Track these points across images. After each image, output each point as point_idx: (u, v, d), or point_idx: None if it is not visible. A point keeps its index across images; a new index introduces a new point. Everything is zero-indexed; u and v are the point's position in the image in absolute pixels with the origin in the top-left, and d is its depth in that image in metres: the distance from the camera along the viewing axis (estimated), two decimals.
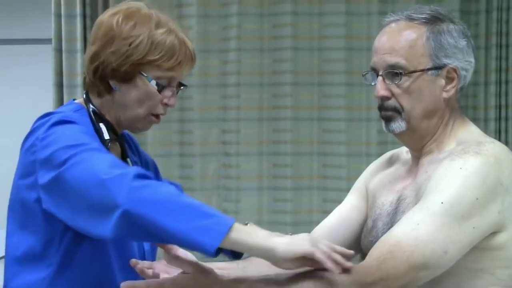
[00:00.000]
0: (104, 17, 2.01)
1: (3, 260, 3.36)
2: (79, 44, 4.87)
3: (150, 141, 4.85)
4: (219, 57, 4.90)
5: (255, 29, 4.87)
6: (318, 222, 4.45)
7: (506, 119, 4.71)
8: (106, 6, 4.78)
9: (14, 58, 7.34)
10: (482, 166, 1.77)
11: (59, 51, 4.89)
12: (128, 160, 2.14)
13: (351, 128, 4.82)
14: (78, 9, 4.83)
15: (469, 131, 1.96)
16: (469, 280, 1.78)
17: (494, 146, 1.86)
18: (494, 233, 1.77)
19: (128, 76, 1.95)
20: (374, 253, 1.74)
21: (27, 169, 1.93)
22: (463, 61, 1.92)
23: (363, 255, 1.99)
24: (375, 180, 2.15)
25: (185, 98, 4.87)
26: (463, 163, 1.77)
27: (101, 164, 1.76)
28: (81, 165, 1.77)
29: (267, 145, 4.92)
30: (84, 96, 2.07)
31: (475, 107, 4.76)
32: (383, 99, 1.93)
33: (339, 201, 4.69)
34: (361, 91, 4.82)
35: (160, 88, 1.99)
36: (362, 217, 2.17)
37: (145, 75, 1.96)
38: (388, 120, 1.95)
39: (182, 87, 2.09)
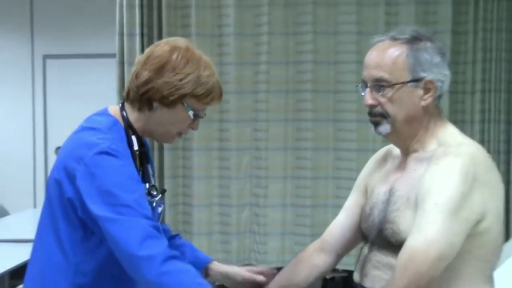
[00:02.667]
0: (160, 49, 1.99)
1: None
2: (138, 57, 4.86)
3: (196, 138, 4.88)
4: (252, 69, 4.95)
5: (282, 45, 4.90)
6: (332, 206, 4.86)
7: (488, 121, 4.77)
8: (160, 27, 4.95)
9: (86, 69, 7.49)
10: (462, 165, 1.73)
11: (121, 63, 4.94)
12: (149, 166, 2.14)
13: (361, 128, 4.78)
14: (137, 29, 4.87)
15: (448, 132, 1.91)
16: (455, 260, 1.73)
17: (470, 147, 1.84)
18: (478, 221, 1.74)
19: (172, 103, 1.96)
20: (398, 267, 1.73)
21: (71, 171, 1.89)
22: (439, 74, 1.86)
23: (364, 237, 2.04)
24: (375, 178, 2.10)
25: (224, 102, 4.82)
26: (446, 164, 1.75)
27: (134, 237, 1.78)
28: (120, 227, 1.81)
29: (291, 142, 4.97)
30: (120, 106, 2.05)
31: (463, 111, 4.80)
32: (371, 107, 1.90)
33: (349, 188, 4.65)
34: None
35: (195, 117, 2.02)
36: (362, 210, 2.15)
37: (185, 105, 1.97)
38: (376, 124, 1.91)
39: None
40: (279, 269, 3.94)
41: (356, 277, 2.02)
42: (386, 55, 1.85)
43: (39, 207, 7.58)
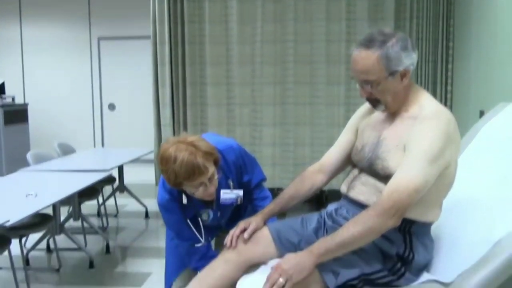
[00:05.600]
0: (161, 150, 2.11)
1: None
2: (166, 39, 5.08)
3: (210, 118, 5.19)
4: (250, 67, 5.12)
5: (272, 50, 5.07)
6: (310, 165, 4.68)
7: (421, 84, 4.98)
8: (182, 13, 5.08)
9: (129, 47, 7.72)
10: (441, 125, 1.81)
11: (155, 44, 5.15)
12: (210, 210, 2.35)
13: (328, 109, 5.05)
14: (165, 16, 5.06)
15: (424, 96, 1.95)
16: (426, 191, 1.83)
17: (444, 111, 1.87)
18: (446, 167, 1.84)
19: (176, 186, 2.13)
20: (385, 192, 1.80)
21: None
22: (408, 60, 1.88)
23: (354, 165, 2.13)
24: (364, 122, 2.14)
25: (230, 84, 5.14)
26: (429, 124, 1.81)
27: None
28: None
29: (279, 119, 5.17)
30: None
31: None
32: (367, 97, 1.98)
33: (322, 152, 4.71)
34: (334, 90, 5.00)
35: (185, 193, 2.18)
36: (352, 145, 2.19)
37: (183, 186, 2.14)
38: (374, 105, 1.99)
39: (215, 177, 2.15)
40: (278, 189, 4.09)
41: (343, 188, 2.10)
42: (366, 61, 1.87)
43: (97, 146, 7.97)
